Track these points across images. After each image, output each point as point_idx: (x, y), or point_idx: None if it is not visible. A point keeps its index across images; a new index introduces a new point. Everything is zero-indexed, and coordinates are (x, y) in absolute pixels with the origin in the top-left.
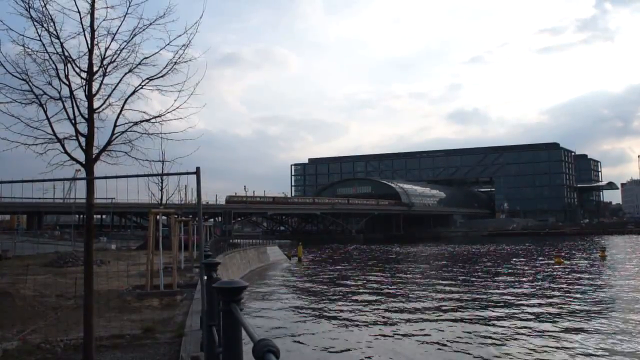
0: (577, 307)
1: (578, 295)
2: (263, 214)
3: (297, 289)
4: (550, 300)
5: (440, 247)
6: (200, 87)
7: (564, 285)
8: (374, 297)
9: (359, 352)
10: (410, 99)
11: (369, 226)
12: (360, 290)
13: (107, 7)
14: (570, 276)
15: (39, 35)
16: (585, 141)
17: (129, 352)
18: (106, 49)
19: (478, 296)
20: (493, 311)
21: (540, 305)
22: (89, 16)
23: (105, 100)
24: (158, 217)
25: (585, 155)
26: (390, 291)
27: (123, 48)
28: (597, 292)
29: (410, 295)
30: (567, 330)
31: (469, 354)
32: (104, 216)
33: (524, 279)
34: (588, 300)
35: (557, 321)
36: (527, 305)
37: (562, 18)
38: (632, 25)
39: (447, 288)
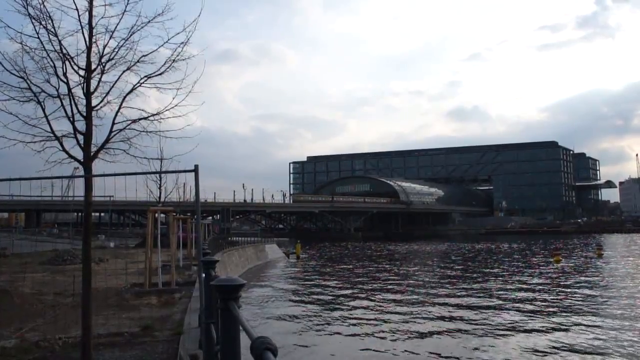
0: (575, 305)
1: (575, 294)
2: (262, 212)
3: (294, 287)
4: (550, 298)
5: (439, 245)
6: (198, 84)
7: (562, 284)
8: (371, 295)
9: (357, 352)
10: (409, 97)
11: (367, 224)
12: (357, 288)
13: (106, 5)
14: (568, 274)
15: (37, 33)
16: (585, 139)
17: (128, 350)
18: (104, 47)
19: (476, 295)
20: (491, 310)
21: (538, 303)
22: (87, 13)
23: (104, 98)
24: (156, 214)
25: (584, 154)
26: (387, 289)
27: (121, 46)
28: (593, 291)
29: (407, 293)
30: (564, 329)
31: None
32: (102, 214)
33: (522, 278)
34: (584, 299)
35: (555, 320)
36: (527, 304)
37: (562, 14)
38: (633, 22)
39: (446, 287)
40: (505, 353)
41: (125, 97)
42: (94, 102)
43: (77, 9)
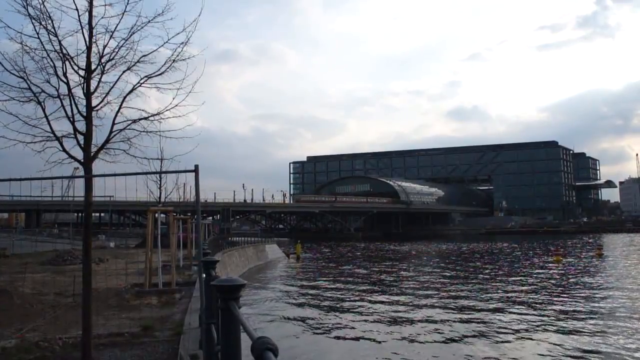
0: (575, 306)
1: (575, 294)
2: (262, 212)
3: (295, 287)
4: (550, 298)
5: (439, 245)
6: (198, 84)
7: (562, 284)
8: (371, 296)
9: (357, 353)
10: (409, 97)
11: (367, 224)
12: (358, 289)
13: (106, 5)
14: (568, 275)
15: (37, 33)
16: (585, 139)
17: (128, 350)
18: (104, 47)
19: (476, 296)
20: (491, 311)
21: (538, 304)
22: (87, 13)
23: (104, 98)
24: (156, 215)
25: (584, 154)
26: (387, 290)
27: (121, 46)
28: (593, 291)
29: (407, 294)
30: (564, 329)
31: (468, 355)
32: (102, 214)
33: (522, 278)
34: (584, 299)
35: (555, 320)
36: (527, 304)
37: (562, 14)
38: (633, 22)
39: (446, 288)
40: (506, 353)
41: (125, 97)
42: (94, 102)
43: (77, 9)
